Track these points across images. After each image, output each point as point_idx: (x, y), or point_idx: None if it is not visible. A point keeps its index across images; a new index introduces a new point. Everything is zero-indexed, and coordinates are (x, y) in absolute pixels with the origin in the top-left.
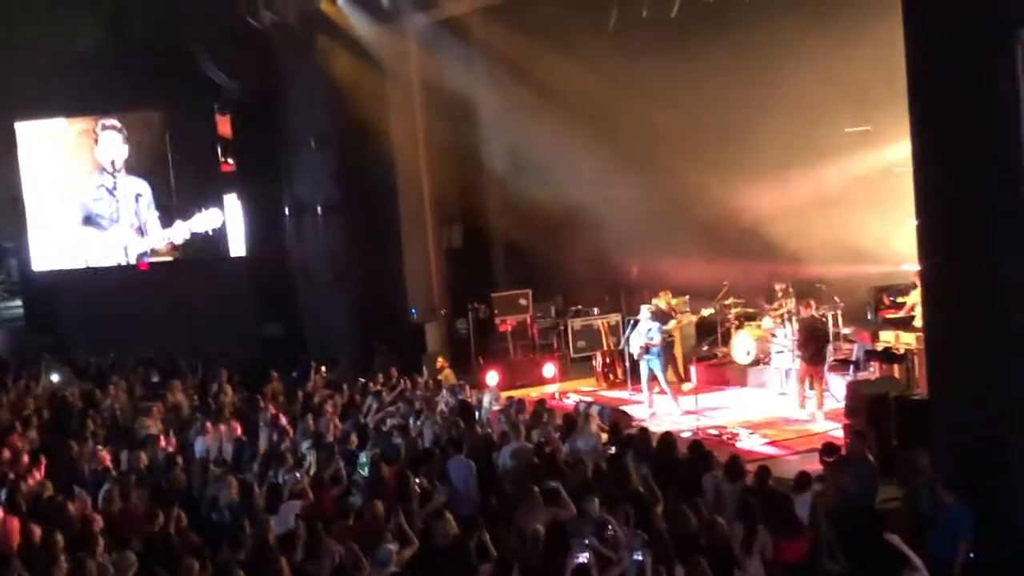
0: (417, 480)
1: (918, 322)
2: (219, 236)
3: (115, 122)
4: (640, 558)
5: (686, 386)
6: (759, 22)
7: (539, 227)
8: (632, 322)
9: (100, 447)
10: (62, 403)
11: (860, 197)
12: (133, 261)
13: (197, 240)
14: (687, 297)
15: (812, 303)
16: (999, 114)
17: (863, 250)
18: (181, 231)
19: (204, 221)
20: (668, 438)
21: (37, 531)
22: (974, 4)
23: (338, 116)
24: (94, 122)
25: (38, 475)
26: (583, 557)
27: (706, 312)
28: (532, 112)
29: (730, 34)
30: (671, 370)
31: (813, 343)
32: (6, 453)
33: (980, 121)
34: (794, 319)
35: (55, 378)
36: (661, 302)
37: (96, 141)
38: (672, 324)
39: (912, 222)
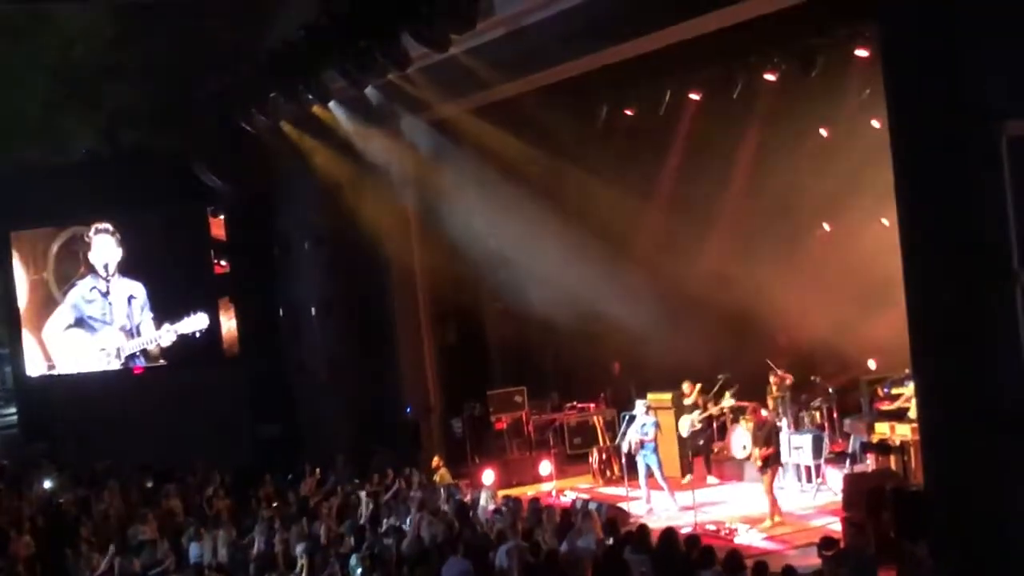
0: None
1: (912, 413)
2: (211, 338)
3: (108, 225)
4: None
5: (686, 478)
6: (748, 117)
7: (533, 324)
8: (628, 417)
9: (95, 554)
10: (57, 510)
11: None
12: (123, 364)
13: (188, 342)
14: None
15: (758, 408)
16: (985, 202)
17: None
18: (168, 334)
19: (190, 324)
20: (669, 534)
21: None
22: (958, 98)
23: (331, 216)
24: (87, 227)
25: None
26: None
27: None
28: (523, 210)
29: (716, 129)
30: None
31: (774, 445)
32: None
33: (968, 209)
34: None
35: (48, 485)
36: (689, 396)
37: (90, 245)
38: (698, 414)
39: None
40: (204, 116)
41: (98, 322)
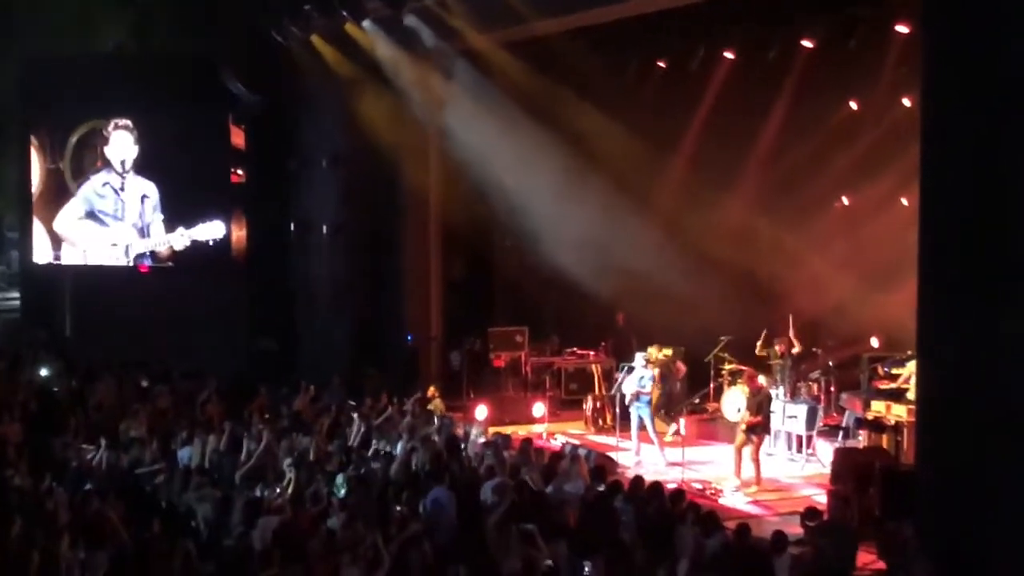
0: (397, 507)
1: (911, 395)
2: (222, 247)
3: (128, 122)
4: None
5: (669, 435)
6: (780, 81)
7: (542, 267)
8: (626, 368)
9: (84, 445)
10: (50, 398)
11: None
12: (132, 262)
13: (199, 248)
14: (682, 349)
15: (755, 374)
16: (1010, 193)
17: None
18: (182, 238)
19: (206, 231)
20: (656, 487)
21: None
22: (996, 83)
23: (353, 138)
24: (107, 121)
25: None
26: None
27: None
28: (544, 152)
29: (746, 90)
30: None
31: (763, 415)
32: None
33: (992, 198)
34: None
35: (44, 372)
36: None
37: (108, 140)
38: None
39: None
40: (235, 23)
41: (109, 217)
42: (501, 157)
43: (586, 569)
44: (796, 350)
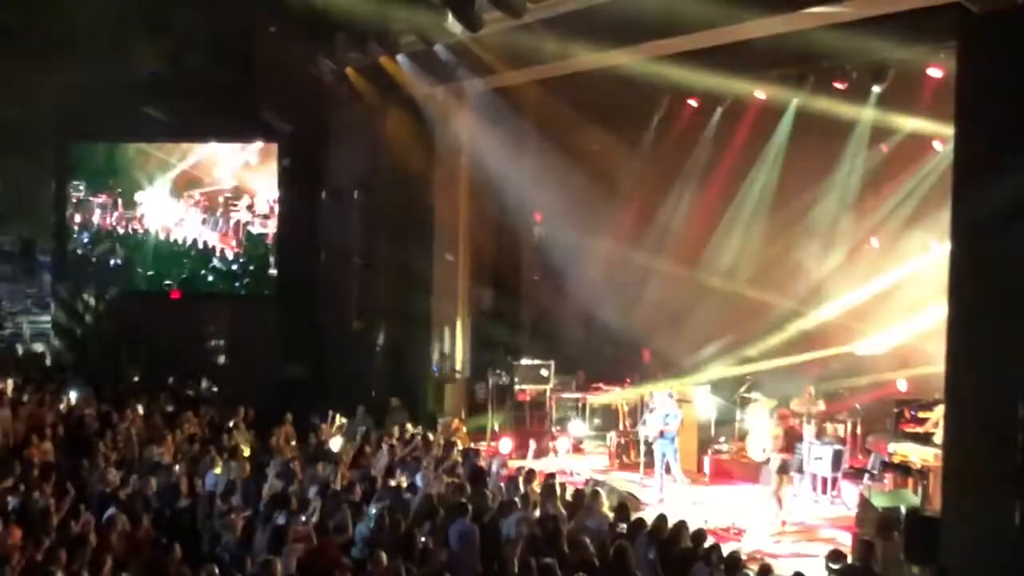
0: (421, 539)
1: (937, 439)
2: (260, 271)
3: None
4: None
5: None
6: (811, 122)
7: (569, 301)
8: (650, 406)
9: (111, 469)
10: (79, 422)
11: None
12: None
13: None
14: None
15: (787, 413)
16: None
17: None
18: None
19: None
20: (680, 526)
21: (42, 543)
22: None
23: (383, 169)
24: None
25: (45, 490)
26: None
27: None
28: (575, 188)
29: (777, 130)
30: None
31: (792, 451)
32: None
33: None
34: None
35: (73, 395)
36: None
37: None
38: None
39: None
40: (270, 53)
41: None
42: (530, 191)
43: None
44: (816, 411)
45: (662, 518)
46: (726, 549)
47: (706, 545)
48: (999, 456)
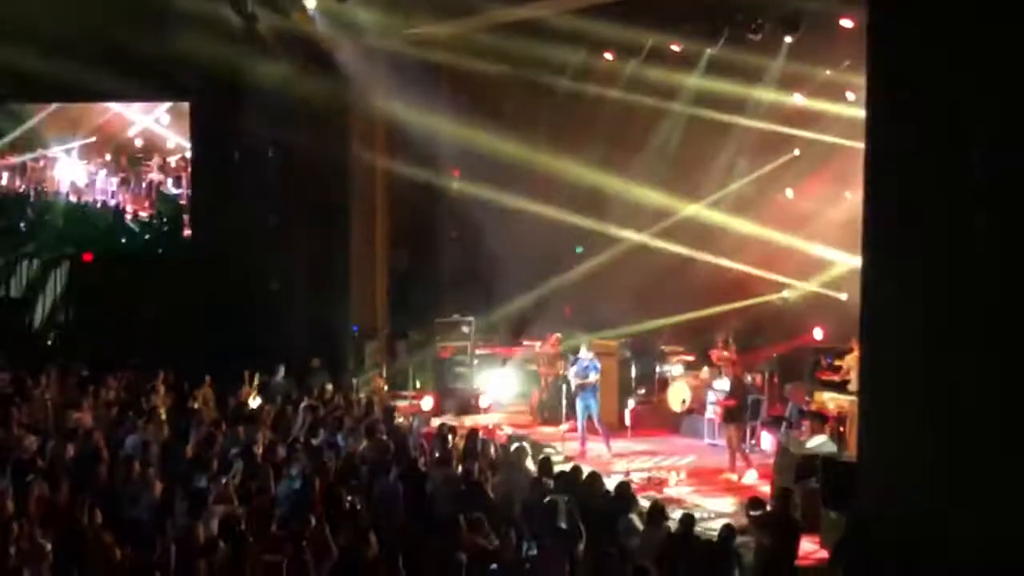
0: (348, 498)
1: (852, 386)
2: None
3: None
4: None
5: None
6: (726, 73)
7: (488, 258)
8: (572, 359)
9: (27, 435)
10: None
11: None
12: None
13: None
14: (627, 340)
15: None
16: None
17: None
18: None
19: None
20: (595, 476)
21: None
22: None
23: (299, 127)
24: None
25: None
26: None
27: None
28: (492, 142)
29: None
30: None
31: (730, 398)
32: None
33: (933, 200)
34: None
35: None
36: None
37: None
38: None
39: None
40: (180, 8)
41: None
42: (446, 148)
43: (532, 552)
44: (731, 358)
45: (576, 468)
46: (648, 500)
47: (628, 496)
48: (913, 400)
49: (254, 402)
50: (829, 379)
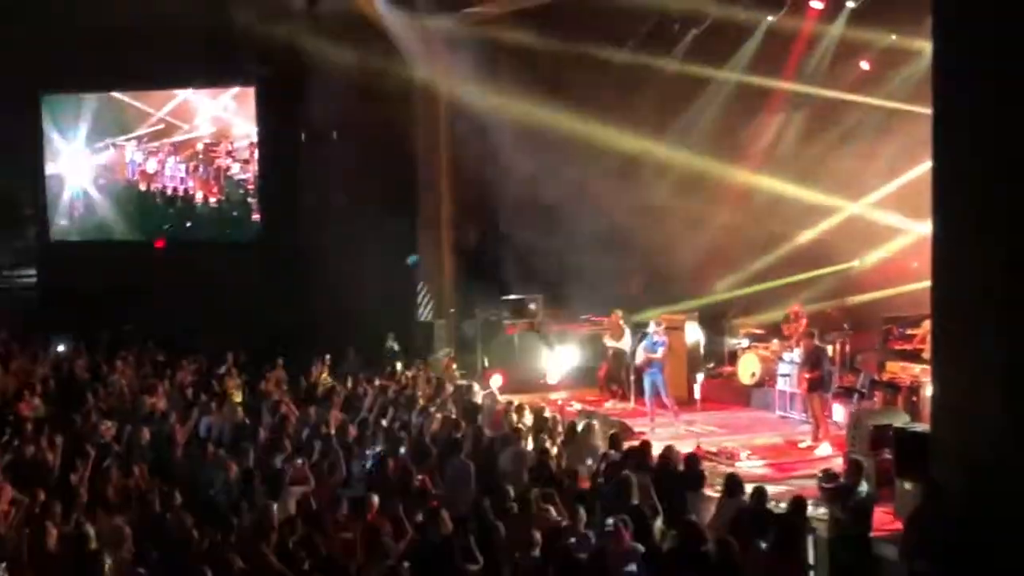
0: (418, 477)
1: (926, 355)
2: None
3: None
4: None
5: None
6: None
7: (556, 234)
8: (640, 335)
9: (104, 421)
10: (69, 375)
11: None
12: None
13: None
14: (696, 314)
15: (814, 332)
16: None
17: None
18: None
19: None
20: (668, 452)
21: (38, 496)
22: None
23: (362, 111)
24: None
25: (41, 444)
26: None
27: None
28: (559, 121)
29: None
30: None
31: (814, 370)
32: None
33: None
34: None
35: (61, 349)
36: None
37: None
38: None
39: None
40: None
41: None
42: (514, 128)
43: (607, 527)
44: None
45: (646, 445)
46: (720, 473)
47: (698, 470)
48: (988, 369)
49: (325, 383)
50: (902, 348)
